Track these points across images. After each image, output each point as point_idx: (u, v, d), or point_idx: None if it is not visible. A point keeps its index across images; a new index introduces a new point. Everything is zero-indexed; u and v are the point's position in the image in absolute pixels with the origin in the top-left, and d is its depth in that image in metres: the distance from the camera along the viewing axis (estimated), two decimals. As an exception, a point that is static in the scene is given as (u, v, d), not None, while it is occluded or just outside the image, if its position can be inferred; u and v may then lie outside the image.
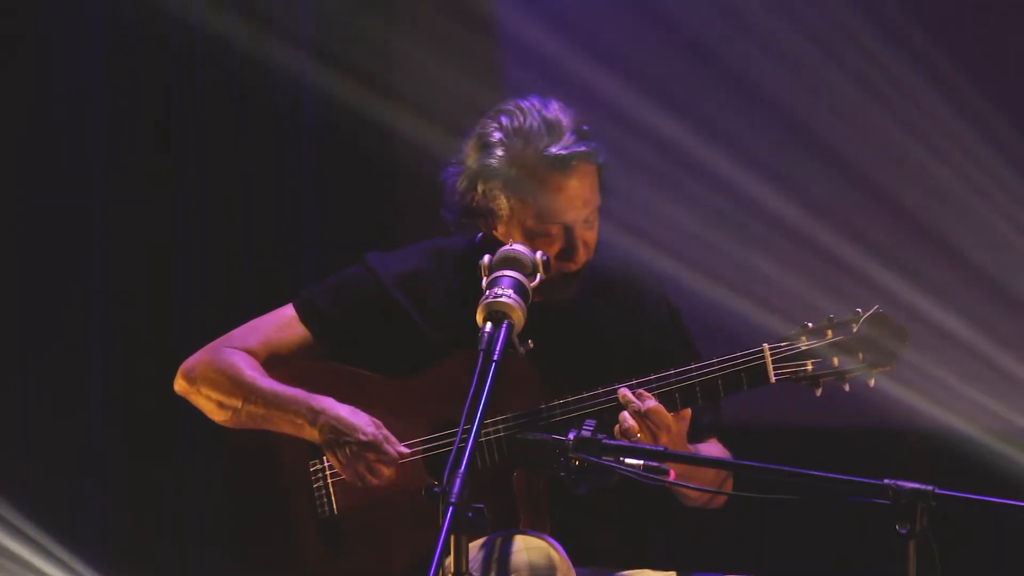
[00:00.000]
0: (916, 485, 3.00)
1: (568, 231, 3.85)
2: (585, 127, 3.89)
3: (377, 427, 3.84)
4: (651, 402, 3.73)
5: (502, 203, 3.87)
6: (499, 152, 3.86)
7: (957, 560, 3.31)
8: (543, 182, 3.85)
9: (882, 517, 3.01)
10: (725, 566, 3.94)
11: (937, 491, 3.00)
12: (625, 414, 3.73)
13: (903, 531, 2.98)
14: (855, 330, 3.75)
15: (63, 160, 5.77)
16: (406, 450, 3.85)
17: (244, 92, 5.87)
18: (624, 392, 3.75)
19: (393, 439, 3.84)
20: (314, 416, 3.87)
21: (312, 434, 3.87)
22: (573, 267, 3.88)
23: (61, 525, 5.61)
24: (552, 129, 3.85)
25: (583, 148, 3.84)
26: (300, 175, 5.94)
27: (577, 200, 3.85)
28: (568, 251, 3.86)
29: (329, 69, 5.81)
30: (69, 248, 5.77)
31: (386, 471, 3.83)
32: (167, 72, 5.85)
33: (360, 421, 3.84)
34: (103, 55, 5.79)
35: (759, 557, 5.43)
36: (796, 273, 5.47)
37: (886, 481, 3.01)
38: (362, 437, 3.83)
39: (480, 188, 3.89)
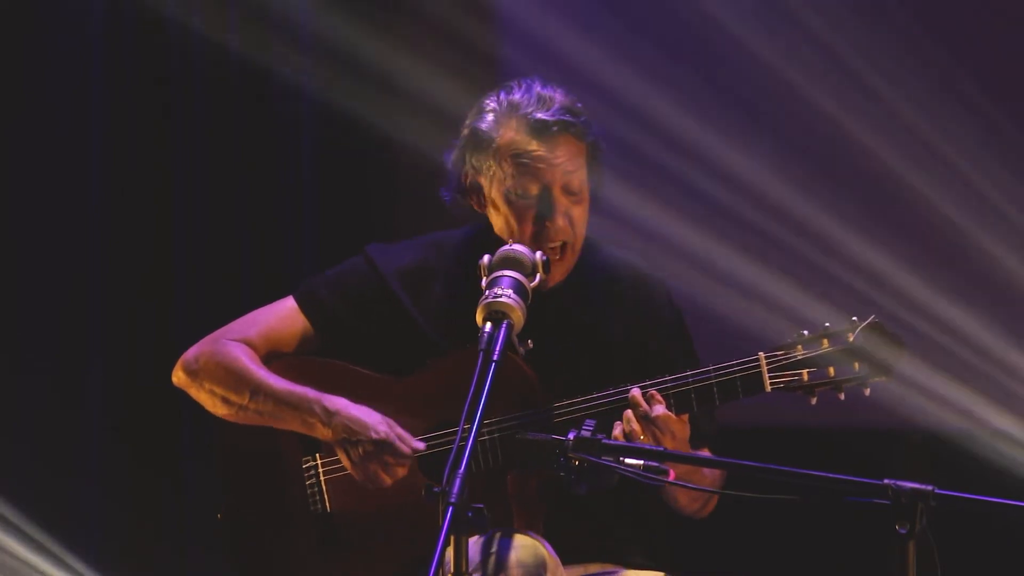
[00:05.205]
0: (916, 485, 2.99)
1: (546, 192, 3.85)
2: (579, 105, 3.90)
3: (390, 426, 3.83)
4: (660, 408, 3.72)
5: (488, 168, 3.88)
6: (489, 118, 3.89)
7: (957, 560, 3.30)
8: (526, 145, 3.84)
9: (882, 517, 3.00)
10: (724, 566, 3.94)
11: (937, 491, 3.00)
12: (630, 414, 3.72)
13: (903, 531, 2.98)
14: (851, 340, 3.73)
15: (62, 159, 5.77)
16: (420, 445, 3.83)
17: (244, 90, 5.87)
18: (635, 394, 3.75)
19: (407, 436, 3.83)
20: (328, 416, 3.86)
21: (324, 434, 3.86)
22: (553, 240, 3.84)
23: (61, 525, 5.61)
24: (543, 101, 3.88)
25: (568, 118, 3.85)
26: (300, 174, 5.94)
27: (556, 163, 3.84)
28: (546, 211, 3.83)
29: (329, 68, 5.81)
30: (69, 248, 5.76)
31: (400, 470, 3.82)
32: (167, 71, 5.85)
33: (372, 420, 3.83)
34: (103, 55, 5.78)
35: (758, 557, 5.43)
36: (792, 278, 5.47)
37: (886, 481, 3.00)
38: (374, 435, 3.81)
39: (469, 158, 3.90)
